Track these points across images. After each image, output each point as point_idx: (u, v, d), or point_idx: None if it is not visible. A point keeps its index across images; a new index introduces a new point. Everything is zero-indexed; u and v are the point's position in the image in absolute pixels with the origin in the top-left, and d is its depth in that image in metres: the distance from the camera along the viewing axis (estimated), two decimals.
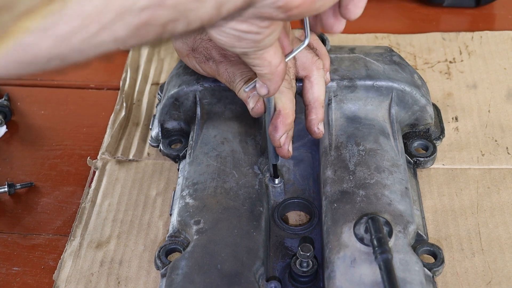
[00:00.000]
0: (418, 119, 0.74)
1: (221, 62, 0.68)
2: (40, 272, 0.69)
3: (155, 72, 0.90)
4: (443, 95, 0.84)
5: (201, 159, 0.69)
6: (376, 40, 0.93)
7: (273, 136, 0.65)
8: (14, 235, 0.73)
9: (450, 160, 0.76)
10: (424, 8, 1.01)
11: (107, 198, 0.74)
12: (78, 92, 0.91)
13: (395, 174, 0.66)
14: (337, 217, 0.62)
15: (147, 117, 0.84)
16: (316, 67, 0.67)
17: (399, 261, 0.58)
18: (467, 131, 0.79)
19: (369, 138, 0.70)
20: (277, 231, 0.68)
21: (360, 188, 0.64)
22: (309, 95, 0.68)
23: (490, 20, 0.98)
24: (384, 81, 0.73)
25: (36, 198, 0.77)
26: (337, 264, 0.59)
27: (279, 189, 0.70)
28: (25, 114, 0.88)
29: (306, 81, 0.68)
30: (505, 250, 0.66)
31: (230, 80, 0.68)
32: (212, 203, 0.64)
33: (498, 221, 0.69)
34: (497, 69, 0.87)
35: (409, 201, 0.64)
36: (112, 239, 0.69)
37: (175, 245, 0.63)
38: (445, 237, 0.68)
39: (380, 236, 0.57)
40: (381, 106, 0.73)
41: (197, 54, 0.70)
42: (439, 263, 0.62)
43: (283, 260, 0.66)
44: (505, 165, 0.75)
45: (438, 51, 0.91)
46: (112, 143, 0.79)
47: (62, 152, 0.82)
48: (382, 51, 0.78)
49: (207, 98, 0.74)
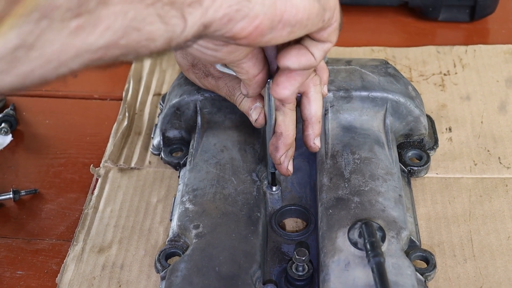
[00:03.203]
0: (412, 130, 0.76)
1: (220, 77, 0.70)
2: (44, 276, 0.70)
3: (157, 83, 0.93)
4: (437, 107, 0.86)
5: (201, 166, 0.71)
6: (373, 53, 0.95)
7: (273, 156, 0.67)
8: (18, 240, 0.74)
9: (444, 169, 0.78)
10: (419, 22, 1.03)
11: (109, 204, 0.76)
12: (82, 103, 0.93)
13: (389, 181, 0.68)
14: (332, 222, 0.64)
15: (148, 127, 0.85)
16: (313, 84, 0.68)
17: (391, 265, 0.59)
18: (460, 141, 0.81)
19: (364, 147, 0.72)
20: (274, 237, 0.70)
21: (355, 195, 0.66)
22: (306, 111, 0.69)
23: (484, 34, 1.00)
24: (379, 92, 0.74)
25: (40, 205, 0.78)
26: (331, 267, 0.60)
27: (276, 196, 0.72)
28: (31, 123, 0.90)
29: (304, 97, 0.69)
30: (496, 257, 0.68)
31: (230, 94, 0.70)
32: (211, 208, 0.66)
33: (490, 229, 0.71)
34: (490, 81, 0.89)
35: (402, 208, 0.66)
36: (114, 244, 0.71)
37: (175, 249, 0.64)
38: (438, 244, 0.70)
39: (373, 240, 0.59)
40: (376, 117, 0.75)
41: (197, 70, 0.72)
42: (431, 268, 0.64)
43: (279, 265, 0.67)
44: (497, 175, 0.77)
45: (433, 63, 0.93)
46: (115, 152, 0.81)
47: (66, 160, 0.84)
48: (377, 63, 0.80)
49: (207, 108, 0.76)
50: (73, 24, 0.38)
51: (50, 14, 0.37)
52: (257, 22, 0.47)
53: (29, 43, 0.37)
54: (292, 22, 0.50)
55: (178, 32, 0.44)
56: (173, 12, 0.42)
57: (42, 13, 0.37)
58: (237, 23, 0.47)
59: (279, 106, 0.65)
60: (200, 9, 0.44)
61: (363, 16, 1.05)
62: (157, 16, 0.41)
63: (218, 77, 0.70)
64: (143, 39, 0.42)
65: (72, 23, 0.38)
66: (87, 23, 0.39)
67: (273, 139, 0.66)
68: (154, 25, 0.42)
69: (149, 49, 0.43)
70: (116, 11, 0.39)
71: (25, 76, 0.39)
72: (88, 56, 0.40)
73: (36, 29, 0.37)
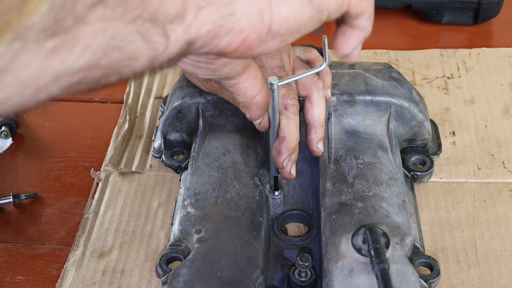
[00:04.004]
0: (416, 134, 0.76)
1: None
2: (44, 281, 0.70)
3: (158, 86, 0.92)
4: (441, 110, 0.85)
5: (203, 170, 0.70)
6: (376, 56, 0.95)
7: (276, 160, 0.66)
8: (18, 245, 0.74)
9: (447, 174, 0.77)
10: (423, 25, 1.03)
11: (109, 209, 0.75)
12: (83, 106, 0.92)
13: (392, 187, 0.67)
14: (335, 228, 0.64)
15: (150, 130, 0.85)
16: (316, 87, 0.68)
17: (395, 271, 0.59)
18: (464, 145, 0.80)
19: (368, 152, 0.71)
20: (277, 242, 0.69)
21: (358, 200, 0.66)
22: (309, 115, 0.68)
23: (488, 37, 1.00)
24: (383, 97, 0.74)
25: (40, 209, 0.78)
26: (335, 273, 0.60)
27: (279, 200, 0.71)
28: (31, 126, 0.89)
29: (307, 101, 0.68)
30: (501, 262, 0.67)
31: (233, 97, 0.69)
32: (213, 212, 0.65)
33: (494, 234, 0.70)
34: (494, 85, 0.89)
35: (406, 214, 0.65)
36: (114, 249, 0.71)
37: (176, 254, 0.64)
38: (442, 249, 0.69)
39: (377, 246, 0.58)
40: (380, 121, 0.74)
41: None
42: (435, 275, 0.63)
43: (282, 270, 0.67)
44: (501, 179, 0.76)
45: (437, 67, 0.92)
46: (116, 155, 0.81)
47: (66, 164, 0.84)
48: (381, 67, 0.79)
49: (209, 111, 0.75)
50: (48, 44, 0.36)
51: (24, 35, 0.35)
52: (243, 36, 0.46)
53: (2, 67, 0.35)
54: (281, 32, 0.48)
55: (161, 50, 0.42)
56: (154, 29, 0.41)
57: (15, 35, 0.35)
58: (222, 38, 0.45)
59: (282, 110, 0.65)
60: (183, 25, 0.42)
61: None
62: (138, 34, 0.40)
63: None
64: (124, 58, 0.40)
65: (48, 44, 0.36)
66: (64, 43, 0.37)
67: (276, 143, 0.66)
68: (135, 43, 0.40)
69: (132, 69, 0.42)
70: (94, 29, 0.38)
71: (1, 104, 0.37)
72: (67, 79, 0.39)
73: (8, 51, 0.35)
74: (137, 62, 0.41)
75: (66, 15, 0.36)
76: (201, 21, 0.43)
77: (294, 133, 0.65)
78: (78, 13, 0.36)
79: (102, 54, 0.39)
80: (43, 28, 0.36)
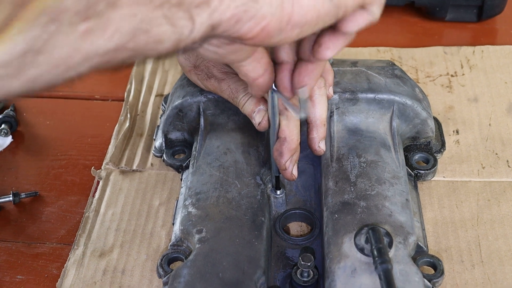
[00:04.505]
0: (419, 132, 0.75)
1: (223, 79, 0.69)
2: (44, 281, 0.69)
3: (159, 83, 0.91)
4: (444, 108, 0.85)
5: (204, 169, 0.70)
6: (378, 53, 0.94)
7: (278, 161, 0.66)
8: (18, 244, 0.73)
9: (451, 173, 0.76)
10: (426, 22, 1.02)
11: (110, 207, 0.75)
12: (84, 103, 0.92)
13: (395, 186, 0.67)
14: (338, 227, 0.63)
15: (151, 128, 0.84)
16: (317, 86, 0.67)
17: (399, 271, 0.58)
18: (468, 144, 0.80)
19: (370, 150, 0.70)
20: (279, 242, 0.69)
21: (361, 199, 0.65)
22: (310, 114, 0.68)
23: (492, 35, 0.99)
24: (385, 94, 0.73)
25: (40, 207, 0.77)
26: (337, 274, 0.59)
27: (280, 199, 0.71)
28: (31, 124, 0.89)
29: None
30: (505, 262, 0.67)
31: (233, 96, 0.69)
32: (214, 212, 0.65)
33: (498, 234, 0.70)
34: (498, 83, 0.88)
35: (409, 213, 0.64)
36: (115, 248, 0.70)
37: (178, 254, 0.63)
38: (445, 249, 0.68)
39: (380, 246, 0.57)
40: (383, 119, 0.74)
41: (199, 72, 0.71)
42: (439, 274, 0.63)
43: (284, 270, 0.66)
44: (505, 178, 0.75)
45: (440, 64, 0.92)
46: (116, 154, 0.80)
47: (66, 162, 0.83)
48: (384, 64, 0.78)
49: (210, 109, 0.75)
50: (81, 27, 0.38)
51: (59, 17, 0.37)
52: (264, 23, 0.47)
53: (37, 48, 0.37)
54: (300, 23, 0.49)
55: (186, 33, 0.43)
56: (180, 14, 0.42)
57: (50, 17, 0.36)
58: (244, 24, 0.46)
59: (282, 110, 0.64)
60: (208, 10, 0.43)
61: None
62: (164, 18, 0.41)
63: (221, 79, 0.69)
64: (151, 42, 0.42)
65: (81, 27, 0.38)
66: (96, 27, 0.38)
67: (277, 144, 0.65)
68: (162, 27, 0.41)
69: (157, 51, 0.43)
70: (124, 13, 0.39)
71: (33, 81, 0.39)
72: (96, 60, 0.40)
73: (44, 33, 0.37)
74: (163, 45, 0.43)
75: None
76: (226, 6, 0.44)
77: (295, 134, 0.65)
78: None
79: (130, 37, 0.40)
80: (77, 11, 0.37)
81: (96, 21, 0.38)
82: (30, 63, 0.38)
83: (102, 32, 0.39)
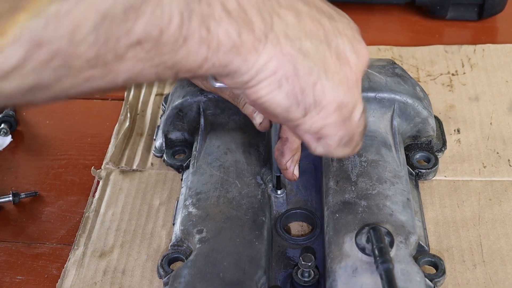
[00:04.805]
0: (420, 131, 0.75)
1: None
2: (44, 281, 0.69)
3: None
4: (445, 107, 0.84)
5: (205, 169, 0.69)
6: (379, 52, 0.94)
7: (279, 161, 0.66)
8: (18, 244, 0.73)
9: (452, 172, 0.76)
10: (427, 21, 1.02)
11: (110, 207, 0.74)
12: (83, 103, 0.92)
13: (396, 185, 0.66)
14: (339, 227, 0.63)
15: (151, 128, 0.84)
16: None
17: (400, 271, 0.58)
18: (469, 143, 0.79)
19: (371, 149, 0.70)
20: (279, 241, 0.68)
21: (362, 199, 0.65)
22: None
23: (493, 33, 0.99)
24: (386, 93, 0.73)
25: (40, 207, 0.77)
26: (338, 273, 0.59)
27: (281, 199, 0.71)
28: (31, 124, 0.89)
29: None
30: (507, 262, 0.67)
31: (233, 97, 0.68)
32: (215, 212, 0.64)
33: (500, 233, 0.69)
34: (499, 81, 0.88)
35: (410, 212, 0.64)
36: (115, 248, 0.70)
37: (178, 254, 0.63)
38: (447, 249, 0.68)
39: (381, 246, 0.57)
40: (383, 118, 0.73)
41: None
42: (440, 274, 0.62)
43: (285, 270, 0.66)
44: (506, 177, 0.75)
45: (441, 63, 0.91)
46: (116, 153, 0.80)
47: (66, 161, 0.83)
48: (384, 63, 0.78)
49: (210, 109, 0.75)
50: (87, 74, 0.40)
51: (70, 62, 0.38)
52: None
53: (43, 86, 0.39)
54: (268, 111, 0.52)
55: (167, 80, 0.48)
56: (169, 73, 0.45)
57: (63, 61, 0.38)
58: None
59: None
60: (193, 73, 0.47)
61: (370, 15, 1.04)
62: (155, 74, 0.44)
63: None
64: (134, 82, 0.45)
65: (87, 73, 0.40)
66: (99, 74, 0.40)
67: (278, 144, 0.65)
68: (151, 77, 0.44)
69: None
70: (127, 66, 0.41)
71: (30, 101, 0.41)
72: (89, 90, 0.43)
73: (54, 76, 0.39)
74: None
75: (108, 51, 0.39)
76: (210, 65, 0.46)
77: None
78: (119, 50, 0.40)
79: (123, 82, 0.43)
80: (88, 59, 0.39)
81: (101, 70, 0.40)
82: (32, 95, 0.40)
83: (102, 79, 0.41)
